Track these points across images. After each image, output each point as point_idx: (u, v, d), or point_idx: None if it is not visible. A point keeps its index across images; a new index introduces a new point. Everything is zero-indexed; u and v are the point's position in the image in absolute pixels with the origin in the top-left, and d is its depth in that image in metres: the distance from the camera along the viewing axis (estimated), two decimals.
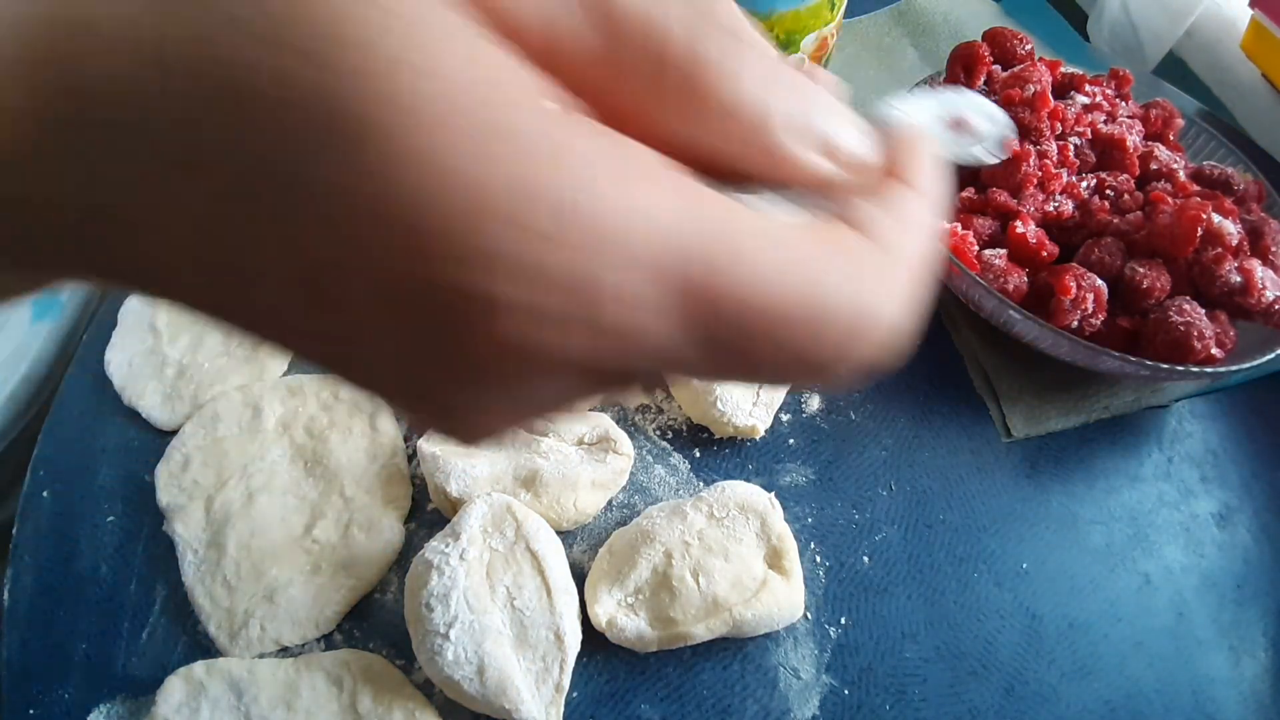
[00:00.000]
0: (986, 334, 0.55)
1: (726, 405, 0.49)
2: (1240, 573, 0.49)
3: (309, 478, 0.46)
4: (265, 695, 0.39)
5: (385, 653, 0.42)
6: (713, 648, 0.43)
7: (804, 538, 0.47)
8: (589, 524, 0.47)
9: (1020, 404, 0.54)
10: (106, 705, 0.40)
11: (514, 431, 0.16)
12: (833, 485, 0.50)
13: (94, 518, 0.46)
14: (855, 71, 0.77)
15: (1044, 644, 0.45)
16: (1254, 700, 0.44)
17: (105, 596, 0.43)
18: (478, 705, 0.39)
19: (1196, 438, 0.55)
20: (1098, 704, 0.43)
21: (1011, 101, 0.56)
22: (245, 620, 0.42)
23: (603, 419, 0.49)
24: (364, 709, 0.39)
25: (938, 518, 0.49)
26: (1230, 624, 0.47)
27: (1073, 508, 0.51)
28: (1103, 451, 0.54)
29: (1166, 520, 0.51)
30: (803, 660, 0.43)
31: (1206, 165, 0.58)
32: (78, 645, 0.42)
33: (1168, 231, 0.51)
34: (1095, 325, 0.50)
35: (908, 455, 0.52)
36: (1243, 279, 0.49)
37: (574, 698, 0.41)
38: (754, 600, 0.42)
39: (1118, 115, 0.59)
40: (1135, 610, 0.47)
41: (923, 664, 0.44)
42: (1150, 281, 0.50)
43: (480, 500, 0.43)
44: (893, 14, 0.83)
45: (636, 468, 0.49)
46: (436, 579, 0.39)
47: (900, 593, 0.46)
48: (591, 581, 0.43)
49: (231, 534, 0.44)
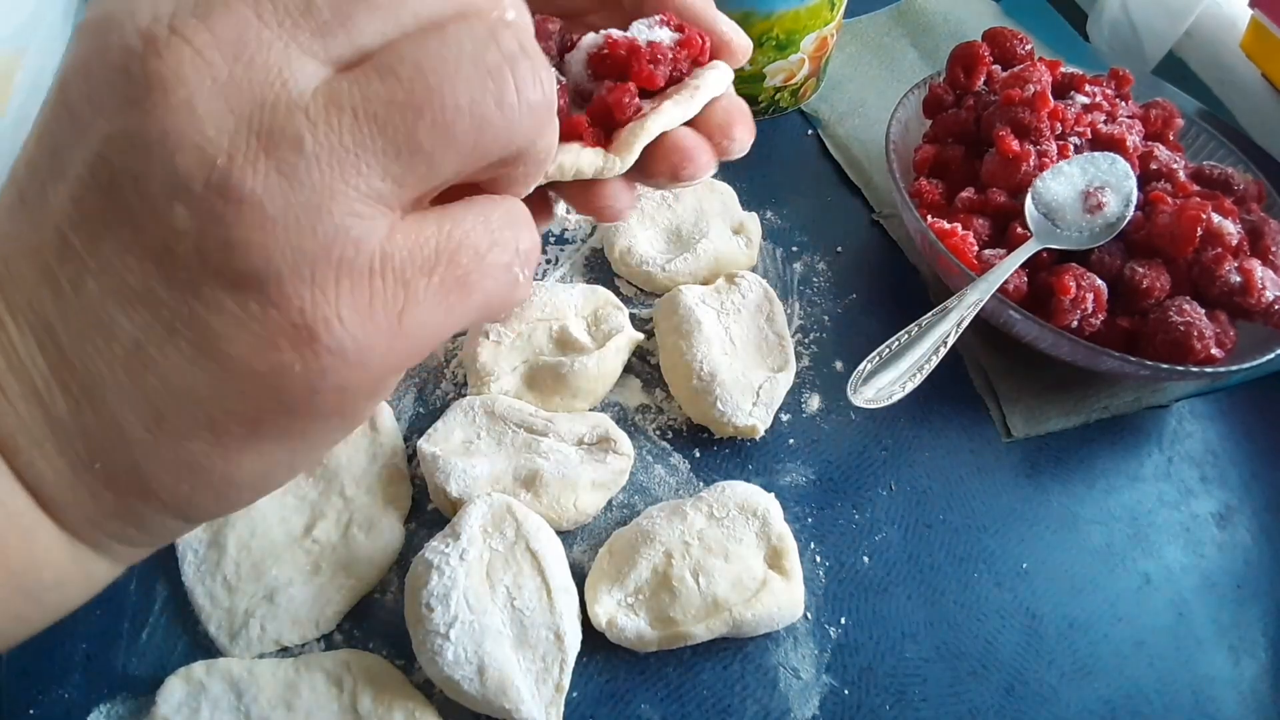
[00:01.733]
0: (986, 334, 0.55)
1: (726, 405, 0.49)
2: (1240, 573, 0.49)
3: (309, 478, 0.46)
4: (265, 695, 0.39)
5: (385, 653, 0.42)
6: (713, 648, 0.43)
7: (804, 538, 0.47)
8: (589, 524, 0.47)
9: (1020, 404, 0.54)
10: (106, 705, 0.40)
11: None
12: (833, 485, 0.50)
13: None
14: (855, 71, 0.77)
15: (1044, 644, 0.45)
16: (1254, 700, 0.44)
17: (105, 596, 0.43)
18: (478, 705, 0.39)
19: (1196, 438, 0.55)
20: (1098, 704, 0.43)
21: (1011, 101, 0.56)
22: (245, 620, 0.42)
23: (603, 419, 0.49)
24: (364, 709, 0.39)
25: (938, 518, 0.49)
26: (1230, 624, 0.47)
27: (1073, 508, 0.51)
28: (1103, 451, 0.54)
29: (1166, 520, 0.51)
30: (803, 660, 0.43)
31: (1206, 165, 0.58)
32: (78, 645, 0.42)
33: (1168, 231, 0.51)
34: (1095, 325, 0.50)
35: (908, 455, 0.52)
36: (1243, 279, 0.49)
37: (574, 698, 0.41)
38: (754, 600, 0.42)
39: (1118, 115, 0.59)
40: (1135, 610, 0.47)
41: (923, 664, 0.44)
42: (1150, 281, 0.50)
43: (480, 500, 0.43)
44: (893, 14, 0.83)
45: (636, 468, 0.49)
46: (436, 579, 0.39)
47: (900, 593, 0.46)
48: (591, 581, 0.43)
49: (231, 534, 0.44)
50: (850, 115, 0.73)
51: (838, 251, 0.62)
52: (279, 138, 0.17)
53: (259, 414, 0.19)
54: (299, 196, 0.17)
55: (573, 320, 0.52)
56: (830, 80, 0.76)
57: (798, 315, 0.58)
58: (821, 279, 0.60)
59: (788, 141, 0.71)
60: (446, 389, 0.53)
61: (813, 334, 0.57)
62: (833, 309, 0.59)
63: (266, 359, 0.18)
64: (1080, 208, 0.52)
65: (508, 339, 0.51)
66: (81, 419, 0.19)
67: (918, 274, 0.62)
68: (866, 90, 0.75)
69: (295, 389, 0.19)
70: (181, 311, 0.18)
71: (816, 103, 0.74)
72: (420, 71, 0.18)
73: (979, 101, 0.60)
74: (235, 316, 0.18)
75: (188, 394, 0.19)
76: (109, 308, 0.18)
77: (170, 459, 0.20)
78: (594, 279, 0.59)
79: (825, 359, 0.56)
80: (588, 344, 0.51)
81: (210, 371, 0.19)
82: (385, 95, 0.18)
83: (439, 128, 0.18)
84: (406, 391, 0.52)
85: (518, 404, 0.49)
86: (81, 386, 0.19)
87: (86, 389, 0.19)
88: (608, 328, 0.52)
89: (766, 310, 0.54)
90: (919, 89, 0.63)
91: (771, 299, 0.55)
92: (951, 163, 0.59)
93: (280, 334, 0.18)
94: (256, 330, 0.18)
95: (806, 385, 0.54)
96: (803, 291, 0.60)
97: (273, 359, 0.18)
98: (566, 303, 0.53)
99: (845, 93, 0.75)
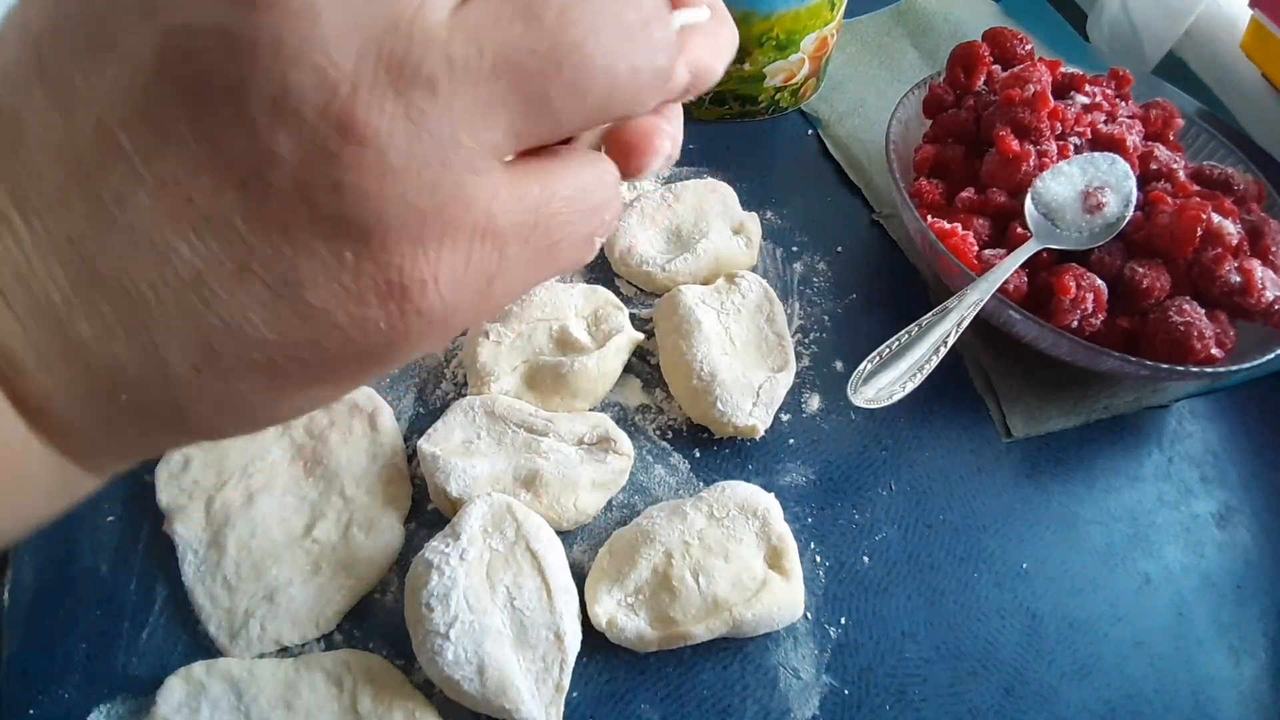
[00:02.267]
0: (986, 334, 0.55)
1: (726, 405, 0.49)
2: (1240, 573, 0.49)
3: (309, 478, 0.46)
4: (265, 695, 0.39)
5: (385, 653, 0.42)
6: (713, 648, 0.43)
7: (804, 538, 0.47)
8: (589, 524, 0.47)
9: (1020, 404, 0.54)
10: (106, 705, 0.40)
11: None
12: (833, 485, 0.50)
13: (94, 518, 0.46)
14: (855, 71, 0.77)
15: (1044, 644, 0.45)
16: (1254, 700, 0.44)
17: (105, 596, 0.43)
18: (478, 705, 0.39)
19: (1196, 438, 0.55)
20: (1098, 704, 0.43)
21: (1011, 101, 0.56)
22: (245, 620, 0.42)
23: (603, 419, 0.49)
24: (364, 709, 0.39)
25: (938, 518, 0.49)
26: (1230, 624, 0.47)
27: (1073, 508, 0.51)
28: (1103, 451, 0.54)
29: (1166, 520, 0.51)
30: (803, 660, 0.43)
31: (1206, 165, 0.58)
32: (78, 645, 0.42)
33: (1168, 231, 0.51)
34: (1095, 325, 0.50)
35: (908, 455, 0.52)
36: (1243, 279, 0.49)
37: (574, 698, 0.41)
38: (754, 600, 0.42)
39: (1118, 115, 0.59)
40: (1135, 610, 0.47)
41: (923, 664, 0.44)
42: (1150, 281, 0.50)
43: (480, 500, 0.43)
44: (893, 14, 0.83)
45: (636, 468, 0.49)
46: (436, 579, 0.39)
47: (900, 593, 0.46)
48: (591, 581, 0.43)
49: (231, 534, 0.44)
50: (850, 115, 0.73)
51: (838, 251, 0.62)
52: (412, 75, 0.15)
53: (325, 362, 0.18)
54: (423, 148, 0.15)
55: (573, 320, 0.52)
56: (830, 80, 0.76)
57: (798, 315, 0.58)
58: (821, 279, 0.60)
59: (788, 141, 0.71)
60: (446, 389, 0.53)
61: (813, 334, 0.57)
62: (833, 309, 0.59)
63: (350, 312, 0.17)
64: (1080, 208, 0.52)
65: (508, 339, 0.51)
66: (110, 347, 0.16)
67: (918, 274, 0.62)
68: (866, 90, 0.75)
69: (373, 343, 0.18)
70: (261, 249, 0.16)
71: (816, 103, 0.74)
72: (564, 20, 0.16)
73: (979, 101, 0.60)
74: (325, 263, 0.16)
75: (251, 335, 0.17)
76: (165, 230, 0.15)
77: (215, 397, 0.18)
78: (594, 279, 0.59)
79: (825, 359, 0.56)
80: (588, 344, 0.51)
81: (283, 317, 0.16)
82: (527, 42, 0.16)
83: (574, 87, 0.16)
84: (406, 392, 0.52)
85: (518, 404, 0.49)
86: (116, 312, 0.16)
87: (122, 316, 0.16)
88: (608, 328, 0.52)
89: (766, 310, 0.54)
90: (919, 89, 0.63)
91: (771, 299, 0.55)
92: (951, 163, 0.59)
93: (372, 289, 0.17)
94: (347, 282, 0.16)
95: (806, 385, 0.54)
96: (803, 291, 0.60)
97: (357, 313, 0.17)
98: (566, 303, 0.53)
99: (845, 93, 0.75)
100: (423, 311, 0.17)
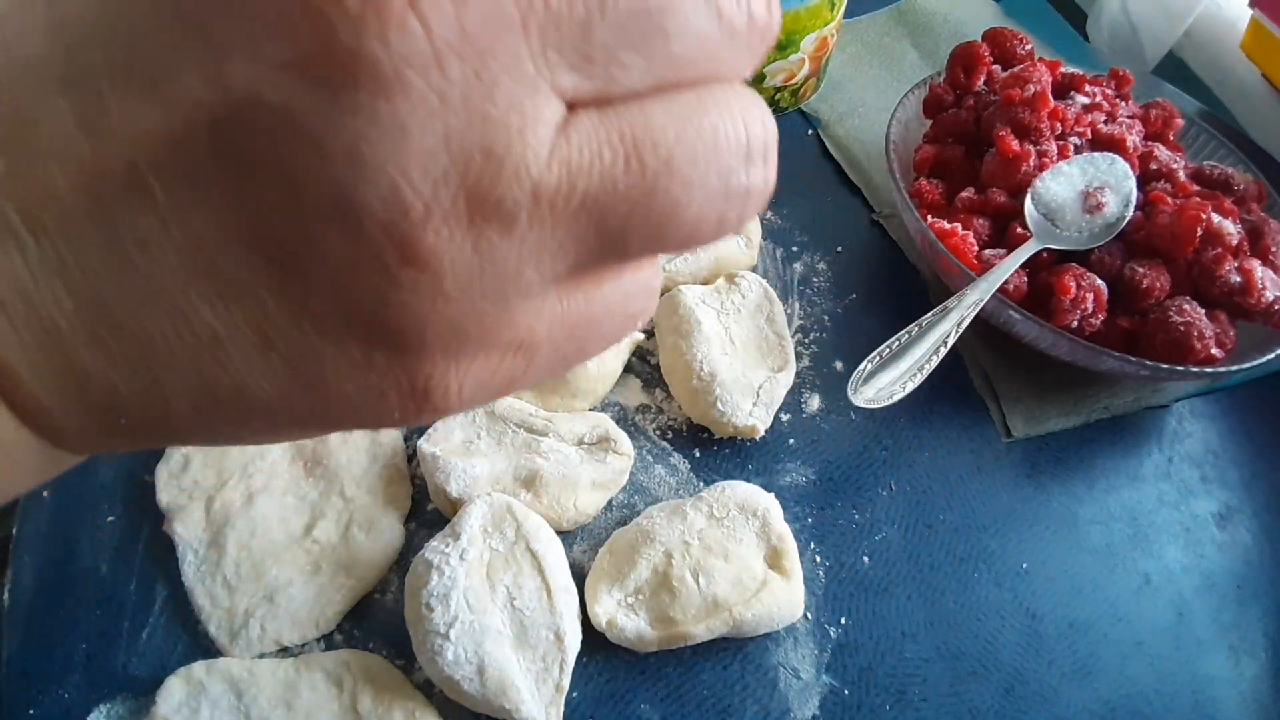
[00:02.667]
0: (986, 334, 0.55)
1: (726, 405, 0.49)
2: (1240, 573, 0.49)
3: (309, 478, 0.46)
4: (265, 695, 0.39)
5: (385, 653, 0.42)
6: (713, 648, 0.43)
7: (804, 538, 0.47)
8: (589, 524, 0.47)
9: (1020, 404, 0.54)
10: (106, 705, 0.40)
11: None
12: (833, 485, 0.50)
13: (94, 517, 0.46)
14: (855, 71, 0.77)
15: (1044, 644, 0.45)
16: (1254, 700, 0.44)
17: (105, 596, 0.43)
18: (478, 705, 0.39)
19: (1196, 438, 0.55)
20: (1098, 704, 0.43)
21: (1011, 101, 0.56)
22: (245, 620, 0.42)
23: (603, 419, 0.49)
24: (364, 709, 0.39)
25: (938, 518, 0.49)
26: (1230, 624, 0.47)
27: (1073, 508, 0.51)
28: (1103, 451, 0.54)
29: (1166, 520, 0.51)
30: (803, 660, 0.43)
31: (1206, 165, 0.58)
32: (78, 645, 0.42)
33: (1168, 231, 0.51)
34: (1095, 325, 0.50)
35: (908, 455, 0.52)
36: (1243, 279, 0.49)
37: (574, 698, 0.41)
38: (754, 600, 0.42)
39: (1118, 115, 0.59)
40: (1135, 610, 0.47)
41: (923, 664, 0.44)
42: (1150, 281, 0.50)
43: (480, 500, 0.43)
44: (893, 14, 0.83)
45: (636, 468, 0.49)
46: (436, 579, 0.39)
47: (900, 593, 0.46)
48: (591, 581, 0.43)
49: (231, 534, 0.44)
50: (850, 115, 0.73)
51: (838, 251, 0.62)
52: (491, 208, 0.14)
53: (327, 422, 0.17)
54: (483, 281, 0.14)
55: None
56: (830, 80, 0.76)
57: (798, 315, 0.58)
58: (821, 279, 0.60)
59: (788, 141, 0.71)
60: None
61: (813, 334, 0.57)
62: (833, 309, 0.59)
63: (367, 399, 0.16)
64: (1080, 208, 0.52)
65: None
66: (111, 376, 0.16)
67: (918, 274, 0.62)
68: (866, 90, 0.75)
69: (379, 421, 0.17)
70: (288, 331, 0.15)
71: (816, 103, 0.74)
72: (668, 169, 0.15)
73: (979, 101, 0.60)
74: (353, 361, 0.15)
75: (259, 398, 0.16)
76: (189, 290, 0.14)
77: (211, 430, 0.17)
78: None
79: (825, 359, 0.56)
80: None
81: (296, 389, 0.16)
82: (623, 189, 0.14)
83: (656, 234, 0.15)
84: None
85: (518, 404, 0.49)
86: (122, 348, 0.15)
87: (128, 352, 0.15)
88: None
89: (766, 310, 0.54)
90: (919, 89, 0.63)
91: (771, 299, 0.55)
92: (951, 163, 0.59)
93: (394, 388, 0.16)
94: (372, 380, 0.16)
95: (806, 385, 0.54)
96: (803, 291, 0.60)
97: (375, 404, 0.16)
98: None
99: (845, 93, 0.75)
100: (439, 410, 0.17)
